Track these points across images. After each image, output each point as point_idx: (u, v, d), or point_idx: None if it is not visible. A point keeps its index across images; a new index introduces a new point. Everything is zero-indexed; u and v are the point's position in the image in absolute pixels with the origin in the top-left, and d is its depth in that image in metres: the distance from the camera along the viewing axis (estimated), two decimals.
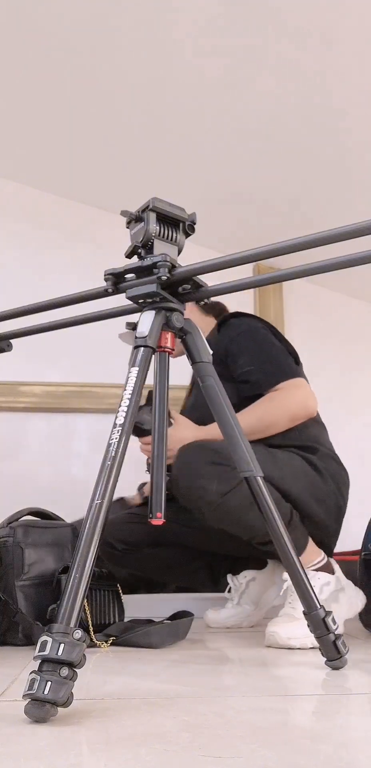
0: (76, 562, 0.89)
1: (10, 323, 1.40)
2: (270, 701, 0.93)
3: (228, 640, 1.61)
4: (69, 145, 2.45)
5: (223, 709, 0.87)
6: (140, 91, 2.15)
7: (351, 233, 0.99)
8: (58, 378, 2.65)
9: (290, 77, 1.98)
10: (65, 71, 2.13)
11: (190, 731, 0.75)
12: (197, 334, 1.20)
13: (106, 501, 0.94)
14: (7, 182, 2.71)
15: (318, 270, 1.10)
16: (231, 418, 1.17)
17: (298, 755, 0.67)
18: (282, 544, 1.16)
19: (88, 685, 1.03)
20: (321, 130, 2.14)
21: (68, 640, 0.83)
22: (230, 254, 1.14)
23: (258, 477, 1.15)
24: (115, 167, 2.51)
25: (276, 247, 1.09)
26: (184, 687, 1.04)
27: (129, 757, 0.67)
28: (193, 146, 2.32)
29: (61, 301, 1.31)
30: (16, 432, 2.63)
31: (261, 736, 0.73)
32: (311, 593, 1.17)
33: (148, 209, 1.14)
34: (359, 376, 2.94)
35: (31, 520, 1.68)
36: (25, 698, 0.81)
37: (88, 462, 2.59)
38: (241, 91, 2.06)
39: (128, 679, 1.11)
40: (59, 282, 2.62)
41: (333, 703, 0.93)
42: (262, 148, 2.26)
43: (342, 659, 1.17)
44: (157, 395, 1.17)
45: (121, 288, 1.18)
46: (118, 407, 1.02)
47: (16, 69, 2.15)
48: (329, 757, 0.66)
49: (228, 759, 0.65)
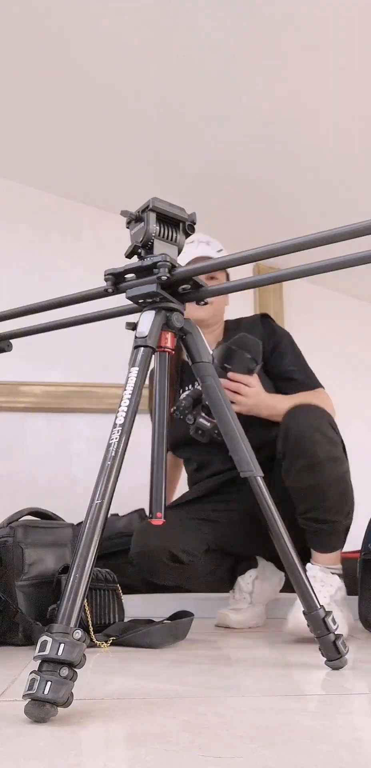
0: (76, 562, 0.89)
1: (10, 323, 1.40)
2: (270, 701, 0.93)
3: (228, 640, 1.61)
4: (69, 145, 2.45)
5: (223, 709, 0.87)
6: (140, 91, 2.15)
7: (351, 233, 0.99)
8: (58, 378, 2.65)
9: (298, 79, 1.98)
10: (65, 71, 2.13)
11: (190, 731, 0.75)
12: (197, 334, 1.20)
13: (106, 501, 0.94)
14: (7, 182, 2.71)
15: (318, 270, 1.10)
16: (232, 418, 1.17)
17: (298, 755, 0.67)
18: (282, 543, 1.16)
19: (88, 685, 1.03)
20: (320, 129, 2.14)
21: (68, 640, 0.83)
22: (230, 254, 1.14)
23: (258, 477, 1.16)
24: (115, 167, 2.51)
25: (276, 247, 1.09)
26: (184, 687, 1.04)
27: (129, 757, 0.67)
28: (194, 146, 2.32)
29: (61, 301, 1.31)
30: (16, 432, 2.63)
31: (261, 736, 0.73)
32: (311, 593, 1.17)
33: (148, 209, 1.14)
34: (359, 376, 2.94)
35: (31, 520, 1.68)
36: (25, 698, 0.81)
37: (88, 462, 2.59)
38: (241, 89, 2.06)
39: (128, 679, 1.11)
40: (59, 282, 2.62)
41: (333, 703, 0.93)
42: (263, 147, 2.26)
43: (342, 659, 1.17)
44: (157, 395, 1.17)
45: (121, 288, 1.18)
46: (118, 407, 1.02)
47: (15, 69, 2.15)
48: (329, 757, 0.66)
49: (228, 759, 0.65)
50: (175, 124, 2.25)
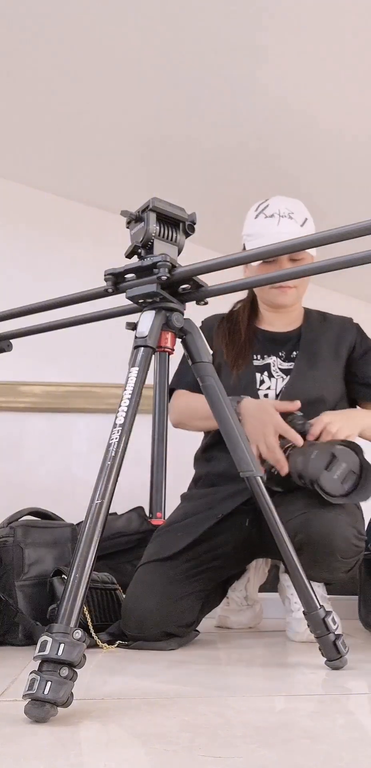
0: (76, 562, 0.89)
1: (10, 323, 1.40)
2: (270, 701, 0.93)
3: (227, 641, 1.61)
4: (69, 145, 2.45)
5: (223, 709, 0.87)
6: (140, 90, 2.15)
7: (351, 233, 0.99)
8: (58, 378, 2.65)
9: (292, 73, 1.98)
10: (65, 71, 2.13)
11: (190, 731, 0.75)
12: (197, 334, 1.19)
13: (106, 501, 0.94)
14: (7, 182, 2.71)
15: (318, 270, 1.10)
16: (232, 418, 1.17)
17: (298, 755, 0.67)
18: (283, 543, 1.17)
19: (88, 685, 1.03)
20: (320, 128, 2.14)
21: (68, 640, 0.83)
22: (230, 254, 1.14)
23: (258, 477, 1.16)
24: (115, 167, 2.51)
25: (276, 247, 1.09)
26: (184, 687, 1.04)
27: (129, 757, 0.67)
28: (194, 146, 2.32)
29: (61, 301, 1.31)
30: (16, 432, 2.62)
31: (261, 736, 0.73)
32: (311, 593, 1.17)
33: (148, 209, 1.14)
34: None
35: (31, 520, 1.68)
36: (25, 698, 0.81)
37: (88, 462, 2.59)
38: (241, 88, 2.06)
39: (128, 679, 1.11)
40: (59, 282, 2.62)
41: (333, 703, 0.93)
42: (263, 147, 2.26)
43: (342, 659, 1.17)
44: (157, 395, 1.17)
45: (121, 288, 1.18)
46: (118, 407, 1.02)
47: (15, 69, 2.15)
48: (329, 757, 0.66)
49: (228, 759, 0.65)
50: (176, 123, 2.25)
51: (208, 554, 1.58)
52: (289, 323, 1.79)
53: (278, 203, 1.67)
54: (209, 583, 1.59)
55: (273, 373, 1.72)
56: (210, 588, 1.61)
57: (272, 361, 1.73)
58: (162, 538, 1.62)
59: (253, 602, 1.87)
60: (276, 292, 1.71)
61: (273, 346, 1.75)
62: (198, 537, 1.56)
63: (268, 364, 1.73)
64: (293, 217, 1.64)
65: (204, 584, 1.57)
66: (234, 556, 1.63)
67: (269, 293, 1.73)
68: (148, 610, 1.48)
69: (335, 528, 1.43)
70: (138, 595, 1.52)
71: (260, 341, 1.77)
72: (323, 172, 2.31)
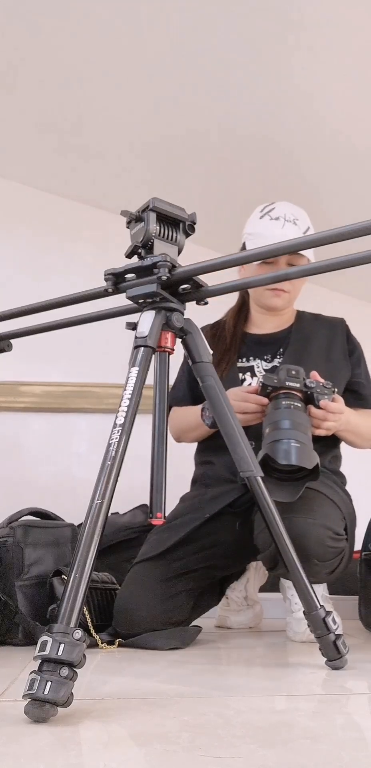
0: (76, 562, 0.89)
1: (10, 323, 1.40)
2: (270, 701, 0.93)
3: (227, 641, 1.62)
4: (69, 144, 2.45)
5: (223, 709, 0.87)
6: (140, 90, 2.15)
7: (351, 233, 0.99)
8: (58, 378, 2.65)
9: (292, 73, 1.98)
10: (65, 70, 2.13)
11: (190, 731, 0.75)
12: (197, 334, 1.19)
13: (106, 501, 0.94)
14: (7, 182, 2.71)
15: (318, 270, 1.10)
16: (232, 418, 1.17)
17: (298, 755, 0.67)
18: (282, 543, 1.17)
19: (87, 685, 1.03)
20: (320, 130, 2.14)
21: (68, 640, 0.83)
22: (230, 254, 1.14)
23: (258, 477, 1.16)
24: (115, 167, 2.51)
25: (276, 247, 1.09)
26: (184, 687, 1.04)
27: (129, 757, 0.67)
28: (194, 146, 2.32)
29: (61, 301, 1.31)
30: (16, 432, 2.62)
31: (261, 736, 0.73)
32: (311, 593, 1.17)
33: (148, 209, 1.14)
34: None
35: (31, 520, 1.68)
36: (25, 698, 0.81)
37: (88, 462, 2.59)
38: (241, 91, 2.06)
39: (128, 679, 1.11)
40: (59, 282, 2.62)
41: (333, 703, 0.93)
42: (263, 148, 2.26)
43: (342, 659, 1.17)
44: (157, 395, 1.17)
45: (121, 288, 1.18)
46: (118, 407, 1.02)
47: (15, 69, 2.15)
48: (329, 757, 0.66)
49: (228, 759, 0.65)
50: (176, 123, 2.25)
51: (198, 554, 1.59)
52: (279, 325, 1.80)
53: (284, 208, 1.67)
54: (200, 583, 1.61)
55: (256, 372, 1.73)
56: (204, 587, 1.63)
57: (256, 363, 1.75)
58: (154, 537, 1.64)
59: (253, 602, 1.87)
60: (269, 294, 1.72)
61: (258, 348, 1.77)
62: (184, 536, 1.58)
63: (252, 366, 1.75)
64: (297, 223, 1.64)
65: (195, 583, 1.59)
66: (225, 558, 1.64)
67: (263, 294, 1.74)
68: (137, 608, 1.51)
69: (308, 533, 1.40)
70: (127, 593, 1.55)
71: (247, 345, 1.79)
72: (326, 173, 2.31)
